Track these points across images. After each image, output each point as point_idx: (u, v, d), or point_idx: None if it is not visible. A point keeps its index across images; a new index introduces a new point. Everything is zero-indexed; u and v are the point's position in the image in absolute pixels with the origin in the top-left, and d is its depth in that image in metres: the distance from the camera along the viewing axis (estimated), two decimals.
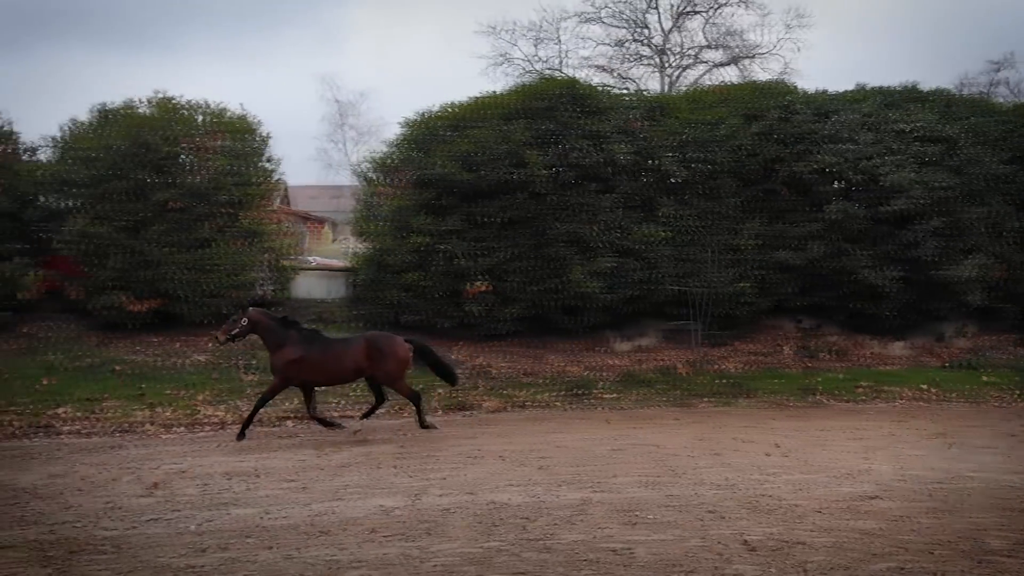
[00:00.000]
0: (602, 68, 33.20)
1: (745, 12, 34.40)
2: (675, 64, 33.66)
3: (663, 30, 33.65)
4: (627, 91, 28.43)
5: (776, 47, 33.31)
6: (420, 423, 12.43)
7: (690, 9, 33.22)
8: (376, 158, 19.65)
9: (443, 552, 6.75)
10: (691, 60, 33.93)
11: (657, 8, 33.46)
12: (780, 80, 24.06)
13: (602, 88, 22.13)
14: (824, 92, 20.35)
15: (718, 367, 17.95)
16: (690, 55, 33.90)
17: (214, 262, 17.21)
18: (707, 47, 33.66)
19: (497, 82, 42.17)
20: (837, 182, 19.31)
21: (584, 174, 18.12)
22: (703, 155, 18.78)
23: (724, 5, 32.62)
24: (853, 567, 6.25)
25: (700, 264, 18.44)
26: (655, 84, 33.28)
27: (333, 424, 12.44)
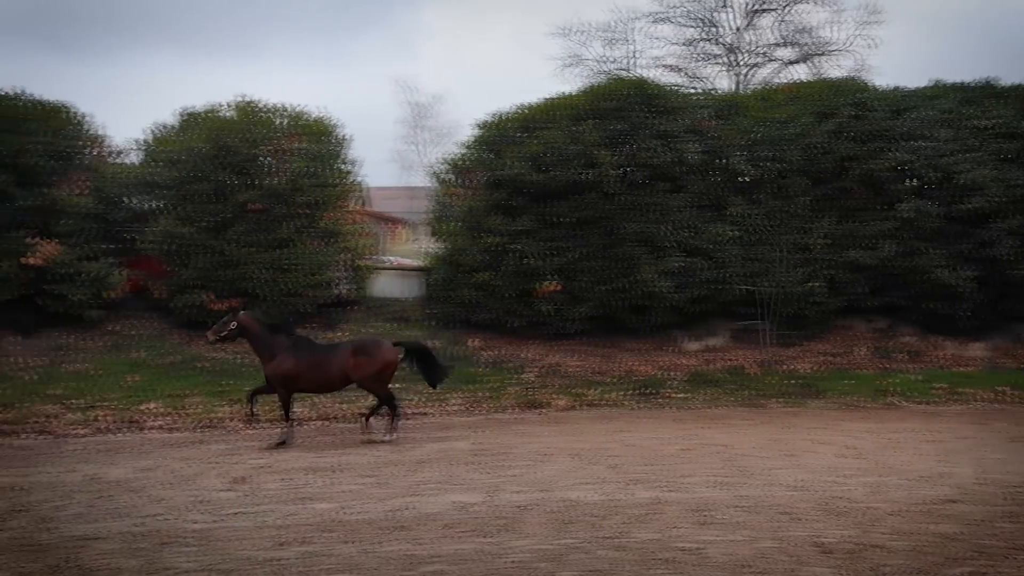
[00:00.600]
0: (672, 68, 32.98)
1: (818, 9, 33.79)
2: (746, 62, 33.26)
3: (734, 28, 33.34)
4: (697, 90, 28.26)
5: (849, 44, 32.75)
6: (391, 427, 12.16)
7: (762, 7, 32.82)
8: (450, 160, 19.91)
9: (518, 548, 6.85)
10: (762, 58, 33.47)
11: (728, 7, 33.17)
12: (853, 77, 23.58)
13: (672, 88, 21.99)
14: (899, 89, 19.92)
15: (788, 367, 17.77)
16: (761, 53, 33.44)
17: (293, 262, 17.42)
18: (778, 45, 33.15)
19: (569, 83, 42.08)
20: (911, 180, 18.90)
21: (654, 174, 18.08)
22: (774, 153, 18.60)
23: (797, 2, 32.08)
24: (931, 571, 6.20)
25: (770, 263, 18.27)
26: (725, 83, 32.94)
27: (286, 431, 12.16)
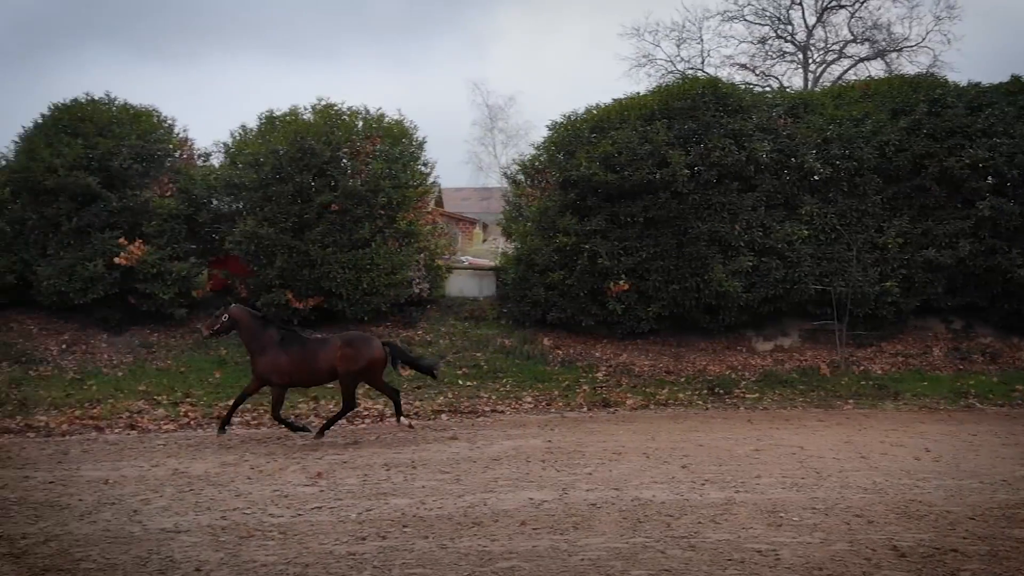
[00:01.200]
0: (744, 66, 32.86)
1: (892, 4, 33.38)
2: (818, 60, 32.88)
3: (806, 26, 32.93)
4: (769, 89, 28.02)
5: (924, 40, 32.13)
6: (324, 425, 12.35)
7: (835, 3, 32.35)
8: (522, 160, 20.13)
9: (591, 546, 6.90)
10: (835, 55, 33.11)
11: (801, 4, 32.78)
12: (929, 73, 23.12)
13: (744, 86, 21.89)
14: (977, 85, 19.47)
15: (862, 368, 17.54)
16: (834, 50, 33.09)
17: (372, 262, 17.73)
18: (852, 41, 32.76)
19: (640, 83, 42.21)
20: (990, 177, 18.51)
21: (725, 173, 18.01)
22: (847, 152, 18.39)
23: None
24: None
25: (843, 263, 18.07)
26: (798, 81, 32.67)
27: (298, 428, 12.36)
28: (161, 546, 7.03)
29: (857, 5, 32.11)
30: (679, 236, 17.95)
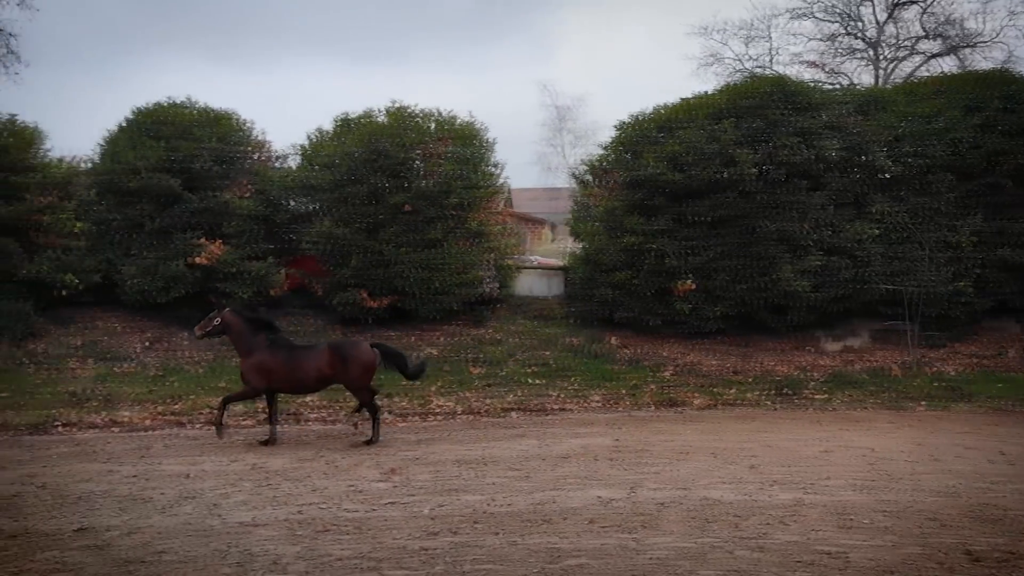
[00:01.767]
0: (813, 64, 32.38)
1: (965, 0, 32.57)
2: (889, 56, 32.24)
3: (877, 22, 32.33)
4: (838, 86, 27.63)
5: (999, 35, 31.30)
6: (374, 430, 11.92)
7: None
8: (589, 161, 20.25)
9: (658, 545, 6.93)
10: (906, 52, 32.43)
11: (872, 0, 32.21)
12: (1003, 69, 22.53)
13: (812, 84, 21.67)
14: None
15: (934, 369, 17.28)
16: (905, 46, 32.41)
17: (443, 261, 18.02)
18: (923, 37, 32.04)
19: (707, 82, 41.86)
20: None
21: (793, 172, 17.92)
22: (918, 149, 18.14)
23: None
24: None
25: (914, 262, 17.83)
26: (868, 78, 32.08)
27: (220, 426, 12.01)
28: (239, 539, 7.19)
29: (929, 1, 31.42)
30: (746, 235, 17.91)
